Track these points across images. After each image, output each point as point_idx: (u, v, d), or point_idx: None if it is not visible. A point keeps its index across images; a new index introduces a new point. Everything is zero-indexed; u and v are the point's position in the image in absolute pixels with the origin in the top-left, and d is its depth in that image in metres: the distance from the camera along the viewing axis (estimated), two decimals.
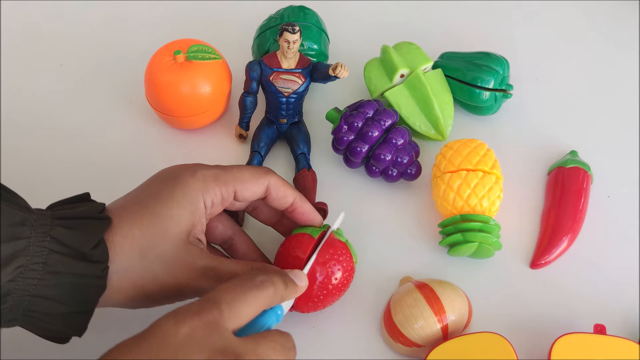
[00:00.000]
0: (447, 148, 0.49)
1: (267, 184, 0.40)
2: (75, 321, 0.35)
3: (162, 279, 0.36)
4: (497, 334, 0.41)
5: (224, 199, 0.39)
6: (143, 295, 0.36)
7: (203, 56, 0.51)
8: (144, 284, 0.36)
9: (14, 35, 0.64)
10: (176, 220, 0.36)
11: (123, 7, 0.66)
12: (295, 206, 0.42)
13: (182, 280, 0.36)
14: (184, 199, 0.37)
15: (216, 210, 0.40)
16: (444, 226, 0.47)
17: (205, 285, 0.36)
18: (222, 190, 0.39)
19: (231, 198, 0.40)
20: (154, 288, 0.36)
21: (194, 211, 0.37)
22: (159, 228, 0.36)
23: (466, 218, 0.46)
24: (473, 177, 0.46)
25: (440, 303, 0.41)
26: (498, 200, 0.47)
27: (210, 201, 0.38)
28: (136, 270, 0.35)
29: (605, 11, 0.67)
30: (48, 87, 0.59)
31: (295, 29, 0.47)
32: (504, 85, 0.55)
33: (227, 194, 0.39)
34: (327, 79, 0.50)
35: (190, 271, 0.36)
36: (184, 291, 0.37)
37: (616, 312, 0.46)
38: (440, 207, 0.48)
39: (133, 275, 0.35)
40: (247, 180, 0.39)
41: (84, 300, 0.34)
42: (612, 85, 0.61)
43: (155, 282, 0.36)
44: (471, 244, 0.45)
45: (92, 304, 0.34)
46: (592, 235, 0.50)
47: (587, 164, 0.52)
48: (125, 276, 0.35)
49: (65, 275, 0.33)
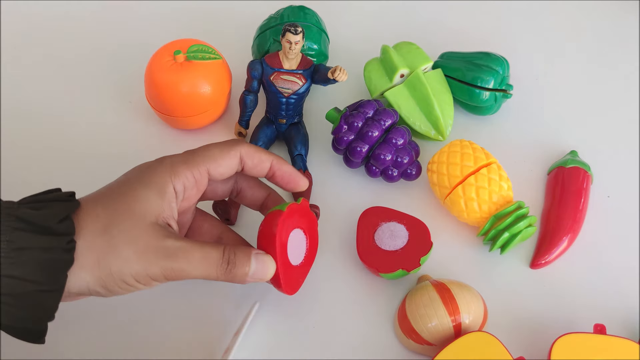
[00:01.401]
0: (438, 164, 0.49)
1: (239, 154, 0.40)
2: (46, 301, 0.33)
3: (127, 255, 0.34)
4: (486, 332, 0.41)
5: (198, 181, 0.39)
6: (110, 275, 0.34)
7: (203, 56, 0.51)
8: (109, 262, 0.34)
9: (14, 35, 0.64)
10: (142, 201, 0.36)
11: (123, 7, 0.66)
12: (274, 169, 0.41)
13: (149, 259, 0.35)
14: (151, 182, 0.37)
15: (191, 194, 0.39)
16: (485, 233, 0.47)
17: (175, 266, 0.35)
18: (193, 173, 0.38)
19: (205, 179, 0.39)
20: (121, 266, 0.34)
21: (162, 195, 0.37)
22: (123, 206, 0.35)
23: (500, 216, 0.46)
24: (482, 177, 0.47)
25: (456, 303, 0.41)
26: (508, 180, 0.48)
27: (182, 185, 0.38)
28: (100, 245, 0.34)
29: (605, 11, 0.67)
30: (48, 87, 0.59)
31: (297, 30, 0.47)
32: (504, 85, 0.55)
33: (199, 176, 0.38)
34: (326, 82, 0.50)
35: (157, 251, 0.35)
36: (153, 273, 0.35)
37: (616, 312, 0.46)
38: (468, 219, 0.48)
39: (97, 252, 0.34)
40: (218, 156, 0.39)
41: (52, 276, 0.33)
42: (612, 85, 0.61)
43: (121, 259, 0.34)
44: (524, 232, 0.46)
45: (61, 280, 0.33)
46: (592, 235, 0.50)
47: (587, 164, 0.52)
48: (90, 252, 0.34)
49: (31, 251, 0.32)
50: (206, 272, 0.36)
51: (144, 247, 0.35)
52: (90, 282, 0.34)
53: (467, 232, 0.50)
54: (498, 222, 0.47)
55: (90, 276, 0.34)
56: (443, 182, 0.48)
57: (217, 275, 0.37)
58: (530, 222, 0.46)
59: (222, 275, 0.37)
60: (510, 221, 0.46)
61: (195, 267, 0.36)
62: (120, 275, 0.34)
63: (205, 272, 0.36)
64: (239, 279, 0.37)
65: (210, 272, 0.36)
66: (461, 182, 0.47)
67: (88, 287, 0.34)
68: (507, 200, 0.47)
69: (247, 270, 0.37)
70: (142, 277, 0.35)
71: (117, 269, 0.34)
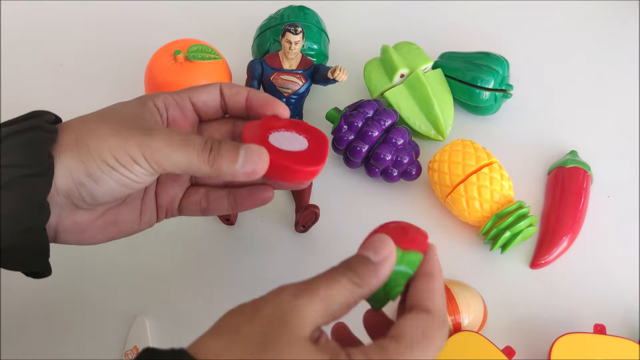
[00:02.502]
0: (439, 162, 0.49)
1: (219, 86, 0.38)
2: (37, 187, 0.31)
3: (103, 131, 0.33)
4: (473, 332, 0.41)
5: (179, 103, 0.37)
6: (89, 153, 0.32)
7: (203, 56, 0.51)
8: (87, 139, 0.32)
9: (14, 35, 0.64)
10: (122, 108, 0.35)
11: (123, 7, 0.66)
12: (250, 96, 0.38)
13: (126, 135, 0.33)
14: (130, 101, 0.36)
15: (175, 113, 0.37)
16: (487, 232, 0.47)
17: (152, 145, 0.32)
18: (173, 96, 0.37)
19: (188, 103, 0.38)
20: (98, 142, 0.32)
21: (142, 104, 0.35)
22: (104, 111, 0.35)
23: (501, 215, 0.46)
24: (484, 176, 0.47)
25: (456, 303, 0.41)
26: (509, 180, 0.48)
27: (162, 103, 0.36)
28: (78, 128, 0.33)
29: (605, 11, 0.67)
30: (48, 87, 0.59)
31: (297, 30, 0.47)
32: (504, 85, 0.55)
33: (180, 99, 0.37)
34: (326, 82, 0.50)
35: (135, 127, 0.33)
36: (131, 149, 0.32)
37: (616, 312, 0.46)
38: (469, 218, 0.48)
39: (75, 132, 0.33)
40: (198, 90, 0.38)
41: (36, 155, 0.31)
42: (612, 85, 0.61)
43: (98, 135, 0.32)
44: (525, 232, 0.46)
45: (46, 161, 0.31)
46: (592, 235, 0.50)
47: (587, 164, 0.52)
48: (68, 134, 0.33)
49: (13, 137, 0.31)
50: (186, 157, 0.32)
51: (122, 125, 0.33)
52: (72, 165, 0.32)
53: (467, 232, 0.50)
54: (499, 221, 0.47)
55: (71, 157, 0.32)
56: (444, 181, 0.48)
57: (199, 163, 0.32)
58: (531, 221, 0.46)
59: (205, 163, 0.33)
60: (512, 220, 0.46)
61: (175, 150, 0.32)
62: (99, 153, 0.32)
63: (185, 156, 0.32)
64: (226, 171, 0.33)
65: (191, 157, 0.32)
66: (463, 180, 0.47)
67: (71, 174, 0.32)
68: (508, 199, 0.47)
69: (236, 160, 0.33)
70: (120, 155, 0.32)
71: (95, 145, 0.32)
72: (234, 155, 0.33)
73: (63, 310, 0.45)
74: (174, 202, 0.39)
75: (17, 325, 0.44)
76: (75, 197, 0.33)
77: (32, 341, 0.44)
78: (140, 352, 0.27)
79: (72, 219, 0.35)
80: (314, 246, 0.49)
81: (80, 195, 0.33)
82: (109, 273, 0.47)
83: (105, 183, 0.33)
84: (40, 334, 0.44)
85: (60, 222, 0.34)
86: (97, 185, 0.33)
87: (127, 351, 0.43)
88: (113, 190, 0.33)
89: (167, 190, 0.39)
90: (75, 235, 0.35)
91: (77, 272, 0.46)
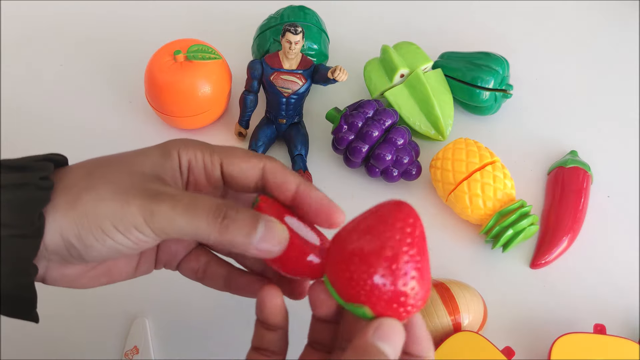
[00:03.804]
0: (443, 160, 0.49)
1: (263, 164, 0.32)
2: (23, 250, 0.28)
3: (104, 194, 0.29)
4: (473, 332, 0.41)
5: (207, 166, 0.32)
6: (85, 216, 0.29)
7: (203, 56, 0.51)
8: (84, 200, 0.29)
9: (14, 35, 0.64)
10: (139, 154, 0.31)
11: (123, 7, 0.66)
12: (300, 192, 0.32)
13: (128, 198, 0.29)
14: (152, 147, 0.32)
15: (198, 178, 0.32)
16: (489, 230, 0.47)
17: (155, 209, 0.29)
18: (204, 155, 0.32)
19: (217, 171, 0.32)
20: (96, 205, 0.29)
21: (165, 155, 0.31)
22: (116, 157, 0.31)
23: (504, 213, 0.46)
24: (487, 174, 0.47)
25: (456, 303, 0.41)
26: (511, 179, 0.48)
27: (187, 160, 0.32)
28: (78, 186, 0.29)
29: (605, 11, 0.67)
30: (48, 87, 0.59)
31: (297, 30, 0.47)
32: (504, 85, 0.55)
33: (209, 162, 0.32)
34: (326, 82, 0.50)
35: (139, 191, 0.29)
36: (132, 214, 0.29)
37: (616, 312, 0.46)
38: (472, 215, 0.48)
39: (74, 192, 0.29)
40: (238, 155, 0.32)
41: (25, 216, 0.28)
42: (612, 85, 0.61)
43: (97, 197, 0.29)
44: (526, 231, 0.46)
45: (35, 222, 0.28)
46: (592, 235, 0.50)
47: (587, 164, 0.52)
48: (66, 193, 0.29)
49: (4, 190, 0.28)
50: (194, 223, 0.28)
51: (124, 188, 0.29)
52: (64, 227, 0.29)
53: (467, 232, 0.50)
54: (502, 219, 0.47)
55: (63, 218, 0.29)
56: (447, 178, 0.48)
57: (208, 230, 0.28)
58: (533, 221, 0.47)
59: (216, 231, 0.28)
60: (515, 218, 0.46)
61: (180, 214, 0.28)
62: (95, 218, 0.29)
63: (192, 221, 0.28)
64: (239, 242, 0.29)
65: (199, 223, 0.28)
66: (466, 178, 0.47)
67: (61, 234, 0.29)
68: (511, 198, 0.47)
69: (253, 233, 0.28)
70: (119, 221, 0.28)
71: (91, 207, 0.29)
72: (252, 228, 0.28)
73: (63, 310, 0.45)
74: (174, 260, 0.36)
75: (17, 325, 0.44)
76: (65, 255, 0.30)
77: (32, 341, 0.44)
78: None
79: (60, 271, 0.32)
80: None
81: (69, 254, 0.30)
82: None
83: (95, 249, 0.30)
84: (40, 334, 0.44)
85: (48, 274, 0.32)
86: (86, 249, 0.29)
87: (127, 351, 0.43)
88: (104, 255, 0.30)
89: (169, 246, 0.36)
90: (66, 283, 0.33)
91: None
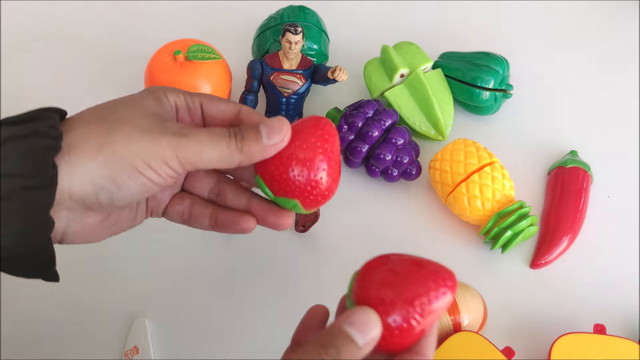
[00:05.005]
0: (441, 161, 0.49)
1: (239, 109, 0.36)
2: (37, 199, 0.29)
3: (131, 134, 0.31)
4: (473, 332, 0.41)
5: (190, 107, 0.35)
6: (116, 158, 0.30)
7: (203, 56, 0.52)
8: (113, 143, 0.30)
9: (14, 35, 0.64)
10: (140, 101, 0.33)
11: (123, 7, 0.66)
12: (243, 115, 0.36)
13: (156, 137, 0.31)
14: (142, 93, 0.34)
15: (183, 118, 0.35)
16: (488, 231, 0.47)
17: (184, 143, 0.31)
18: (185, 97, 0.35)
19: (199, 111, 0.36)
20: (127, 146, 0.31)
21: (159, 100, 0.34)
22: (120, 102, 0.33)
23: (503, 214, 0.46)
24: (486, 175, 0.47)
25: (456, 303, 0.41)
26: (510, 179, 0.48)
27: (174, 101, 0.35)
28: (99, 130, 0.31)
29: (605, 11, 0.67)
30: (48, 87, 0.59)
31: (297, 30, 0.47)
32: (504, 85, 0.55)
33: (191, 102, 0.35)
34: (326, 82, 0.50)
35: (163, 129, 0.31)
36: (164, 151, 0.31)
37: (616, 312, 0.46)
38: (470, 217, 0.48)
39: (98, 136, 0.31)
40: (216, 98, 0.36)
41: (38, 165, 0.29)
42: (612, 85, 0.61)
43: (126, 139, 0.31)
44: (525, 231, 0.46)
45: (49, 170, 0.29)
46: (592, 235, 0.50)
47: (587, 164, 0.52)
48: (89, 137, 0.31)
49: (13, 141, 0.29)
50: (218, 150, 0.32)
51: (147, 128, 0.31)
52: (95, 172, 0.30)
53: (467, 232, 0.50)
54: (500, 220, 0.47)
55: (93, 164, 0.30)
56: (446, 180, 0.48)
57: (230, 152, 0.32)
58: (532, 221, 0.47)
59: (236, 152, 0.32)
60: (513, 219, 0.46)
61: (206, 145, 0.31)
62: (127, 157, 0.30)
63: (217, 150, 0.32)
64: (256, 151, 0.32)
65: (222, 149, 0.32)
66: (465, 179, 0.47)
67: (92, 180, 0.30)
68: (510, 199, 0.47)
69: (260, 137, 0.32)
70: (151, 158, 0.31)
71: (122, 148, 0.30)
72: (257, 133, 0.32)
73: (63, 310, 0.45)
74: (160, 206, 0.38)
75: (17, 325, 0.44)
76: (91, 202, 0.31)
77: (32, 341, 0.44)
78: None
79: (83, 222, 0.33)
80: (314, 246, 0.49)
81: (97, 199, 0.31)
82: (109, 274, 0.47)
83: (128, 187, 0.31)
84: (40, 334, 0.44)
85: (69, 226, 0.33)
86: (118, 190, 0.31)
87: (127, 351, 0.43)
88: (133, 194, 0.32)
89: (156, 194, 0.38)
90: (83, 237, 0.34)
91: (78, 273, 0.46)
